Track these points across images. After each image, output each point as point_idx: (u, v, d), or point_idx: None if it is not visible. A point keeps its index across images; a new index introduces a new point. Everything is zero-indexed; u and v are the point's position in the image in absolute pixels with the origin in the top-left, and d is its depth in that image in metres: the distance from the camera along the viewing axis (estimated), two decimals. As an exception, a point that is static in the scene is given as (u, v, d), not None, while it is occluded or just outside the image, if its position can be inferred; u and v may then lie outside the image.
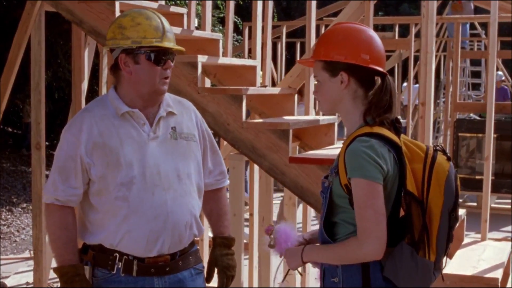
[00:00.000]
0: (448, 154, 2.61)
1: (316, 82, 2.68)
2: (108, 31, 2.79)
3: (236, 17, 12.11)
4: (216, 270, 2.99)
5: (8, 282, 6.56)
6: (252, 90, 4.62)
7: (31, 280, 6.17)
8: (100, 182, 2.70)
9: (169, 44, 2.74)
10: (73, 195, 2.75)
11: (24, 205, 10.51)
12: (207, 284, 2.98)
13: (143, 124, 2.76)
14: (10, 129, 15.19)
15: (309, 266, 5.36)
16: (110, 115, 2.75)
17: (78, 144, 2.71)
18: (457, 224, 3.91)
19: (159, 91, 2.76)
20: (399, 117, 2.70)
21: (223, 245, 3.01)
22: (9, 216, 9.98)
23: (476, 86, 16.18)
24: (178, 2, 11.28)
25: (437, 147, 2.61)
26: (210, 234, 3.63)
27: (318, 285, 2.74)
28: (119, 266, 2.72)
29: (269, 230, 2.80)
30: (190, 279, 2.84)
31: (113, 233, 2.70)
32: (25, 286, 6.48)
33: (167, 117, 2.83)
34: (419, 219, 2.48)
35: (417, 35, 9.16)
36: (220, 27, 12.57)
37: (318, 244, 2.66)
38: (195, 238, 2.96)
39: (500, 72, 13.80)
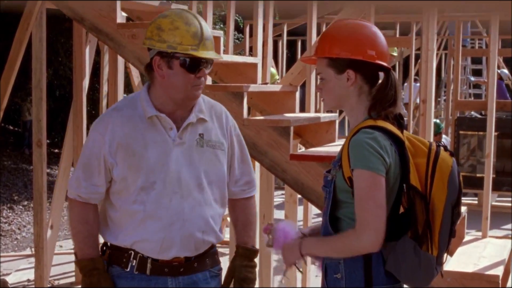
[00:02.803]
0: (451, 150, 2.61)
1: (320, 80, 2.65)
2: (147, 30, 2.72)
3: (237, 15, 12.10)
4: (233, 281, 2.91)
5: (9, 279, 6.57)
6: (253, 88, 4.62)
7: (32, 277, 6.18)
8: (121, 183, 2.69)
9: (206, 53, 2.65)
10: (95, 192, 2.75)
11: (25, 203, 10.52)
12: None
13: (170, 129, 2.71)
14: (11, 127, 15.20)
15: (309, 264, 5.35)
16: (138, 116, 2.71)
17: (103, 143, 2.68)
18: (459, 221, 3.92)
19: (191, 97, 2.70)
20: (404, 111, 2.72)
21: (244, 256, 2.92)
22: (10, 214, 10.00)
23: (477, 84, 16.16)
24: (181, 0, 11.28)
25: (439, 143, 2.61)
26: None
27: (319, 282, 2.74)
28: (133, 264, 2.72)
29: (267, 229, 2.79)
30: (204, 281, 2.80)
31: (128, 235, 2.71)
32: (26, 283, 6.49)
33: (196, 123, 2.76)
34: (423, 213, 2.47)
35: (418, 33, 9.15)
36: (221, 25, 12.57)
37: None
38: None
39: (505, 70, 13.79)
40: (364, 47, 2.56)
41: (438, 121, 9.37)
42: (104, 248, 2.81)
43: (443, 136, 9.58)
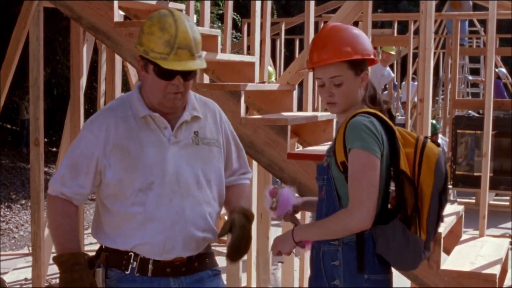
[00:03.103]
0: (437, 141, 2.72)
1: (334, 85, 2.67)
2: None
3: (235, 14, 12.10)
4: (231, 228, 2.73)
5: (6, 278, 6.56)
6: (250, 86, 4.62)
7: (29, 276, 6.17)
8: (116, 186, 2.62)
9: (175, 64, 2.54)
10: (79, 193, 2.68)
11: (23, 201, 10.52)
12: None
13: (164, 128, 2.67)
14: (9, 126, 15.20)
15: (307, 262, 5.34)
16: (132, 116, 2.66)
17: (96, 144, 2.62)
18: (457, 220, 3.94)
19: (166, 104, 2.63)
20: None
21: (242, 213, 2.76)
22: (8, 213, 9.99)
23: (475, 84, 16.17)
24: (177, -1, 11.27)
25: (426, 136, 2.72)
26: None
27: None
28: (134, 266, 2.65)
29: (273, 193, 2.85)
30: (208, 279, 2.77)
31: (128, 238, 2.63)
32: (23, 282, 6.49)
33: (190, 121, 2.72)
34: (412, 197, 2.56)
35: (416, 32, 9.15)
36: (219, 24, 12.57)
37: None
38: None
39: (503, 69, 13.80)
40: (369, 46, 2.71)
41: (434, 121, 9.37)
42: (100, 251, 2.72)
43: (440, 136, 9.58)
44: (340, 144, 2.58)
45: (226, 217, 3.37)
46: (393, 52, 11.10)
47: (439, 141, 9.30)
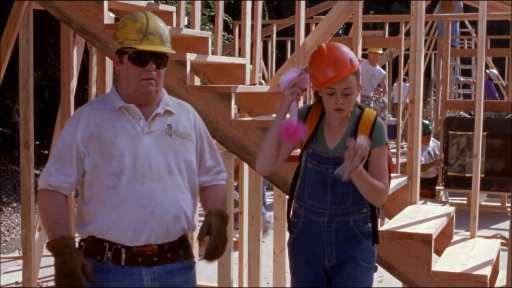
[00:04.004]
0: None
1: (345, 95, 3.10)
2: None
3: (227, 15, 12.09)
4: (209, 231, 2.83)
5: (-3, 281, 6.54)
6: (240, 88, 4.61)
7: (20, 279, 6.14)
8: (93, 171, 2.79)
9: (148, 47, 2.80)
10: (66, 182, 2.82)
11: (14, 204, 10.48)
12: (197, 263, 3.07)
13: (138, 119, 2.85)
14: (0, 129, 15.15)
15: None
16: (109, 109, 2.86)
17: (74, 134, 2.81)
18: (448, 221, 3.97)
19: (141, 90, 2.83)
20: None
21: (218, 215, 2.87)
22: (-1, 216, 9.96)
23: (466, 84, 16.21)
24: (169, 0, 11.26)
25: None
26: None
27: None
28: (108, 256, 2.78)
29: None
30: (178, 271, 2.87)
31: (103, 221, 2.77)
32: (14, 285, 6.46)
33: (164, 115, 2.90)
34: None
35: (408, 33, 9.17)
36: (211, 26, 12.56)
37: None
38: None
39: (494, 71, 13.83)
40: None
41: (427, 122, 9.39)
42: (82, 243, 2.87)
43: (432, 139, 9.58)
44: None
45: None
46: (380, 52, 11.15)
47: (430, 143, 9.32)
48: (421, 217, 4.38)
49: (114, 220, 2.75)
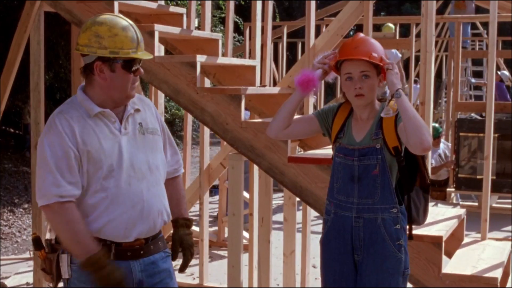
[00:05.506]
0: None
1: (364, 75, 3.19)
2: (81, 36, 2.89)
3: (238, 17, 12.10)
4: (181, 249, 3.19)
5: (8, 282, 6.56)
6: (251, 90, 4.61)
7: (31, 280, 6.18)
8: (84, 177, 2.85)
9: (143, 54, 2.94)
10: (77, 187, 2.83)
11: (26, 206, 10.52)
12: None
13: (114, 122, 2.94)
14: (12, 130, 15.21)
15: (309, 266, 5.35)
16: (84, 115, 2.90)
17: (64, 142, 2.81)
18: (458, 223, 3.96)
19: (130, 96, 2.97)
20: None
21: (185, 226, 3.21)
22: (10, 217, 10.00)
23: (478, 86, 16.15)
24: (179, 2, 11.28)
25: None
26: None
27: (319, 283, 2.78)
28: None
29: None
30: (161, 260, 3.05)
31: (95, 223, 2.85)
32: (25, 286, 6.48)
33: (133, 114, 3.02)
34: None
35: (418, 35, 9.15)
36: (222, 28, 12.57)
37: None
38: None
39: (506, 72, 13.76)
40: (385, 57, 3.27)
41: (437, 125, 9.35)
42: None
43: (443, 141, 9.54)
44: (392, 132, 3.17)
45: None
46: (392, 31, 11.00)
47: (441, 145, 9.28)
48: (431, 219, 4.36)
49: (106, 221, 2.85)
